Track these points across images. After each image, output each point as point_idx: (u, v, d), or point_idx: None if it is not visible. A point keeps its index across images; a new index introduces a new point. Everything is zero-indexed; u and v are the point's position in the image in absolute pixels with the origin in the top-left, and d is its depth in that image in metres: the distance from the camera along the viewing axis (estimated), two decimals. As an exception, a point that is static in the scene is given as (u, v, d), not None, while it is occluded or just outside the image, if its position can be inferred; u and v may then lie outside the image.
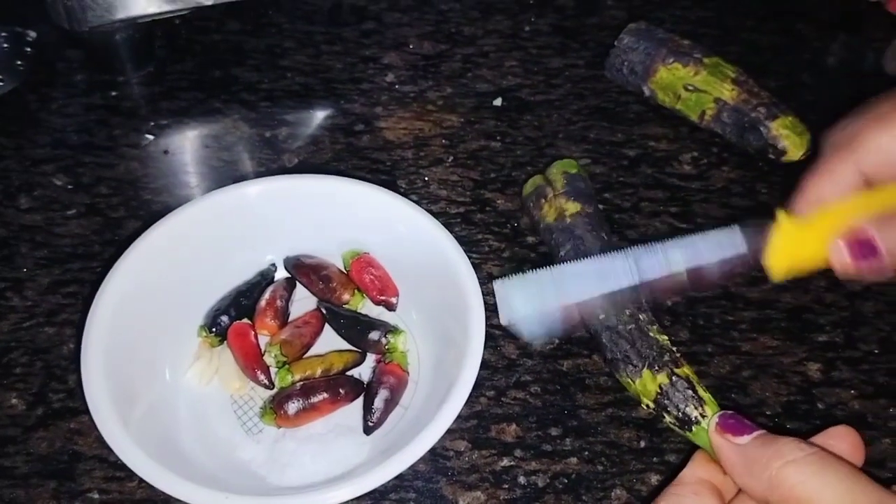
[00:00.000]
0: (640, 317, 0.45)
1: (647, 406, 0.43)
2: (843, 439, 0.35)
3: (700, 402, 0.41)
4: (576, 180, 0.51)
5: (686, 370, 0.43)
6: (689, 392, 0.41)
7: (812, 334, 0.48)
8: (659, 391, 0.42)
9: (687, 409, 0.41)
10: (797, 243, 0.36)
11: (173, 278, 0.44)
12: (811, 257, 0.36)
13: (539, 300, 0.37)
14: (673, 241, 0.37)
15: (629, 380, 0.43)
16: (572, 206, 0.49)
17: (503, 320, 0.38)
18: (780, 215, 0.36)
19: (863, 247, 0.35)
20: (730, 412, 0.36)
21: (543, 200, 0.51)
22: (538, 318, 0.37)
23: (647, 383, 0.43)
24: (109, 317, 0.40)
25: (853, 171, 0.36)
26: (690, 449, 0.40)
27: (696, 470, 0.36)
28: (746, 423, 0.35)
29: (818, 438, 0.35)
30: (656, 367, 0.43)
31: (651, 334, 0.44)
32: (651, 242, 0.37)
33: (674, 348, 0.44)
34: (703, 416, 0.40)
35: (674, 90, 0.58)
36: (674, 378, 0.42)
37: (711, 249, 0.37)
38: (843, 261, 0.35)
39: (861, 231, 0.35)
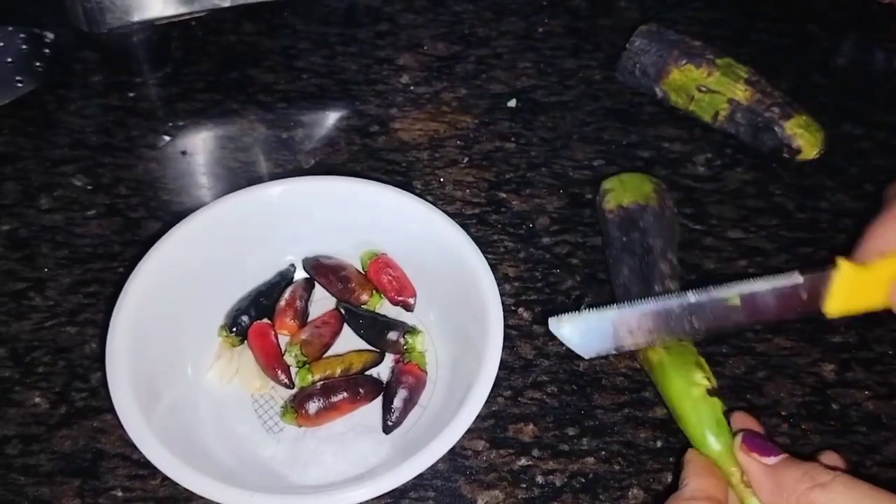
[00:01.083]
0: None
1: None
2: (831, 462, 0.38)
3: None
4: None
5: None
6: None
7: (826, 335, 0.48)
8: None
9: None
10: (857, 289, 0.38)
11: (195, 278, 0.45)
12: (871, 302, 0.38)
13: (595, 338, 0.39)
14: (732, 284, 0.38)
15: None
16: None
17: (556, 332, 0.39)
18: (841, 262, 0.38)
19: None
20: (753, 432, 0.38)
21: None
22: (592, 345, 0.39)
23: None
24: (133, 316, 0.41)
25: None
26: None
27: (702, 483, 0.38)
28: (772, 446, 0.37)
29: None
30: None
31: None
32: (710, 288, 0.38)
33: None
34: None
35: (687, 91, 0.58)
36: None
37: (770, 290, 0.38)
38: None
39: None
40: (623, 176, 0.52)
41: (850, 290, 0.38)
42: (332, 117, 0.60)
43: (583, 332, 0.38)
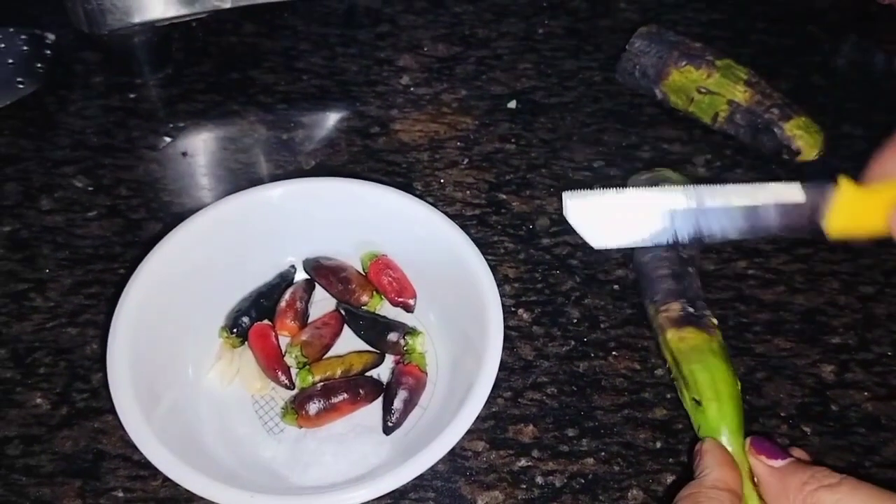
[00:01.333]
0: None
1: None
2: None
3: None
4: None
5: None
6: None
7: (825, 336, 0.49)
8: None
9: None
10: (858, 208, 0.38)
11: (195, 279, 0.45)
12: (869, 224, 0.38)
13: (604, 216, 0.38)
14: (734, 186, 0.38)
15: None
16: None
17: (569, 220, 0.38)
18: (843, 180, 0.38)
19: None
20: (761, 436, 0.40)
21: None
22: (600, 228, 0.38)
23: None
24: (134, 317, 0.41)
25: None
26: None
27: (724, 474, 0.38)
28: (780, 449, 0.39)
29: None
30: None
31: None
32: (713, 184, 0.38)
33: None
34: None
35: (686, 93, 0.58)
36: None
37: (771, 197, 0.38)
38: None
39: None
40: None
41: (850, 209, 0.38)
42: (332, 118, 0.60)
43: (593, 213, 0.38)
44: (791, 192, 0.38)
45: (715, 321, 0.46)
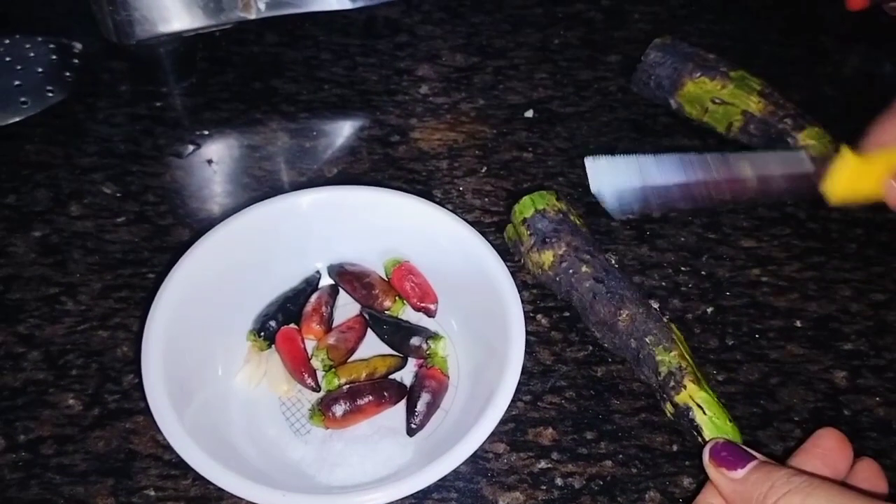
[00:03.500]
0: (647, 339, 0.46)
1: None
2: (828, 438, 0.40)
3: (698, 430, 0.43)
4: (536, 222, 0.50)
5: (688, 394, 0.43)
6: (689, 414, 0.43)
7: (838, 343, 0.50)
8: (672, 415, 0.45)
9: (693, 434, 0.43)
10: (857, 175, 0.40)
11: (224, 283, 0.46)
12: (867, 190, 0.41)
13: (625, 177, 0.41)
14: (744, 153, 0.41)
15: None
16: (546, 258, 0.49)
17: (593, 189, 0.41)
18: (844, 149, 0.40)
19: None
20: (722, 442, 0.39)
21: (522, 258, 0.51)
22: (622, 194, 0.41)
23: (666, 409, 0.45)
24: (166, 319, 0.42)
25: None
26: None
27: (708, 498, 0.39)
28: (740, 455, 0.37)
29: (809, 443, 0.40)
30: (664, 397, 0.45)
31: (658, 357, 0.45)
32: (724, 153, 0.41)
33: (681, 364, 0.44)
34: (705, 442, 0.42)
35: (701, 103, 0.59)
36: (678, 406, 0.44)
37: (778, 163, 0.41)
38: (894, 197, 0.40)
39: None
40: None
41: (849, 176, 0.40)
42: (353, 127, 0.61)
43: (614, 175, 0.40)
44: (798, 161, 0.41)
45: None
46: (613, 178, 0.40)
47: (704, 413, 0.43)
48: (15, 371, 0.48)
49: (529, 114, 0.62)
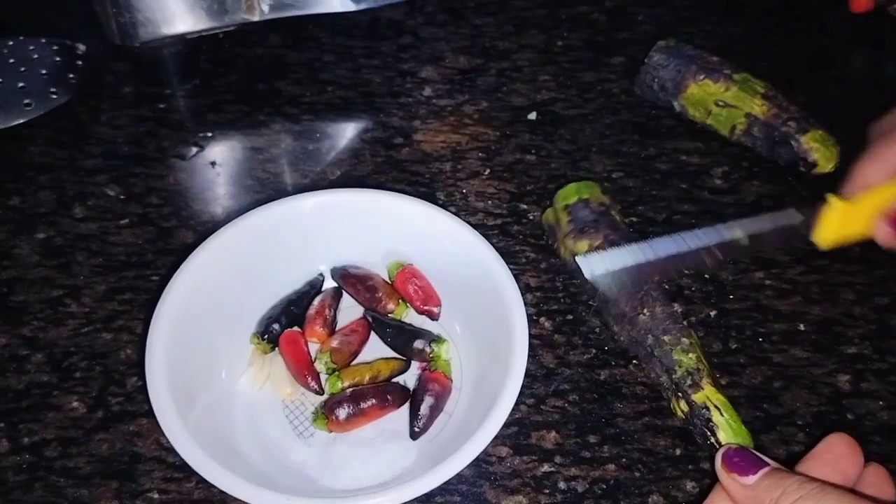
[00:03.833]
0: (665, 338, 0.46)
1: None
2: (839, 443, 0.39)
3: (712, 430, 0.43)
4: (578, 210, 0.51)
5: (705, 394, 0.44)
6: (705, 413, 0.43)
7: (841, 346, 0.50)
8: (684, 414, 0.45)
9: (706, 434, 0.43)
10: (845, 220, 0.41)
11: (228, 286, 0.46)
12: (857, 232, 0.42)
13: (618, 261, 0.41)
14: (735, 221, 0.42)
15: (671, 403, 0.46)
16: (582, 246, 0.50)
17: (587, 277, 0.41)
18: (831, 198, 0.41)
19: None
20: (734, 447, 0.39)
21: (557, 243, 0.52)
22: (617, 275, 0.41)
23: (677, 407, 0.45)
24: (171, 322, 0.42)
25: None
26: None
27: (716, 502, 0.39)
28: (752, 461, 0.37)
29: (819, 448, 0.39)
30: (678, 395, 0.45)
31: (675, 356, 0.45)
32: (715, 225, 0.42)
33: (699, 367, 0.45)
34: (718, 444, 0.43)
35: (705, 106, 0.59)
36: (694, 405, 0.44)
37: (768, 221, 0.42)
38: (884, 237, 0.41)
39: None
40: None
41: (838, 222, 0.41)
42: (356, 129, 0.61)
43: (608, 267, 0.41)
44: (787, 216, 0.42)
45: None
46: (605, 263, 0.41)
47: (721, 414, 0.43)
48: (19, 373, 0.48)
49: (533, 116, 0.62)
